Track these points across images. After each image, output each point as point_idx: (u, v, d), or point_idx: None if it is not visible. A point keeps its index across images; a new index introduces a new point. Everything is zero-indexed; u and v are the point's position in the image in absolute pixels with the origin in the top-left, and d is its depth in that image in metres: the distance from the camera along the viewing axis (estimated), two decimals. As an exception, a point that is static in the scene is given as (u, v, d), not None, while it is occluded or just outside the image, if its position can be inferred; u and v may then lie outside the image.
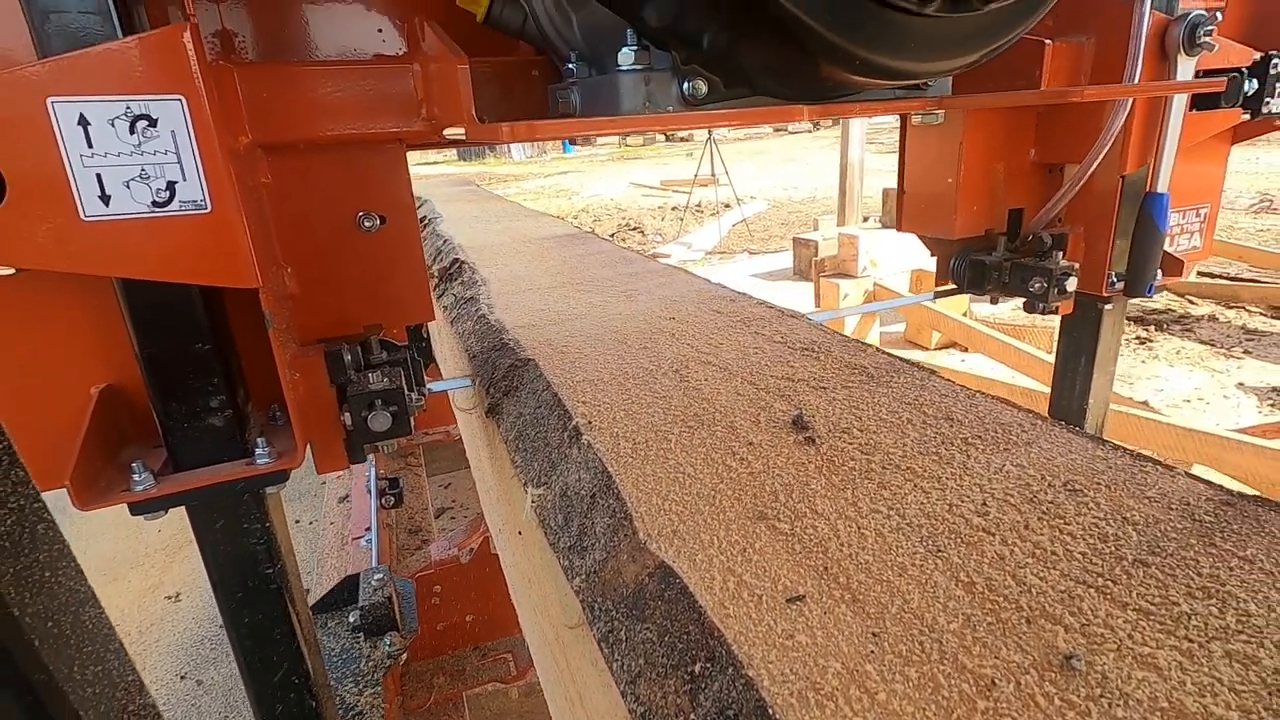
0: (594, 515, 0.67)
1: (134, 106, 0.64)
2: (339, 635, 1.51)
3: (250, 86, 0.80)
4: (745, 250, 8.58)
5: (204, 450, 0.81)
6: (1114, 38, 1.09)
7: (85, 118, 0.63)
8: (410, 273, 0.96)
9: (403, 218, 0.94)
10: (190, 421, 0.80)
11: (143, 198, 0.66)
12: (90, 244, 0.66)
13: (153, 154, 0.66)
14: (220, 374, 0.80)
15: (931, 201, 1.34)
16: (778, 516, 0.61)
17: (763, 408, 0.83)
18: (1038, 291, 1.25)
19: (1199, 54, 1.09)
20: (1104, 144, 1.11)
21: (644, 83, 0.71)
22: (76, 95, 0.63)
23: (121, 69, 0.63)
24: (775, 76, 0.69)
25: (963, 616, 0.48)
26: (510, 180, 17.06)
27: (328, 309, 0.93)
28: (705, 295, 1.37)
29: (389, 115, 0.87)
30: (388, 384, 0.86)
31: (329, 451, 0.90)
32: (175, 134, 0.66)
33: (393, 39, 0.90)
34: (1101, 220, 1.24)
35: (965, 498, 0.62)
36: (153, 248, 0.68)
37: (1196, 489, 0.61)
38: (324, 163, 0.89)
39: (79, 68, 0.62)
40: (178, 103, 0.66)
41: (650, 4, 0.64)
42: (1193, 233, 1.37)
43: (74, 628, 0.43)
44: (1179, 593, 0.49)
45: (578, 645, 0.65)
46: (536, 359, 1.04)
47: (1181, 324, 4.95)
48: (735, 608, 0.50)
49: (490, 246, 2.09)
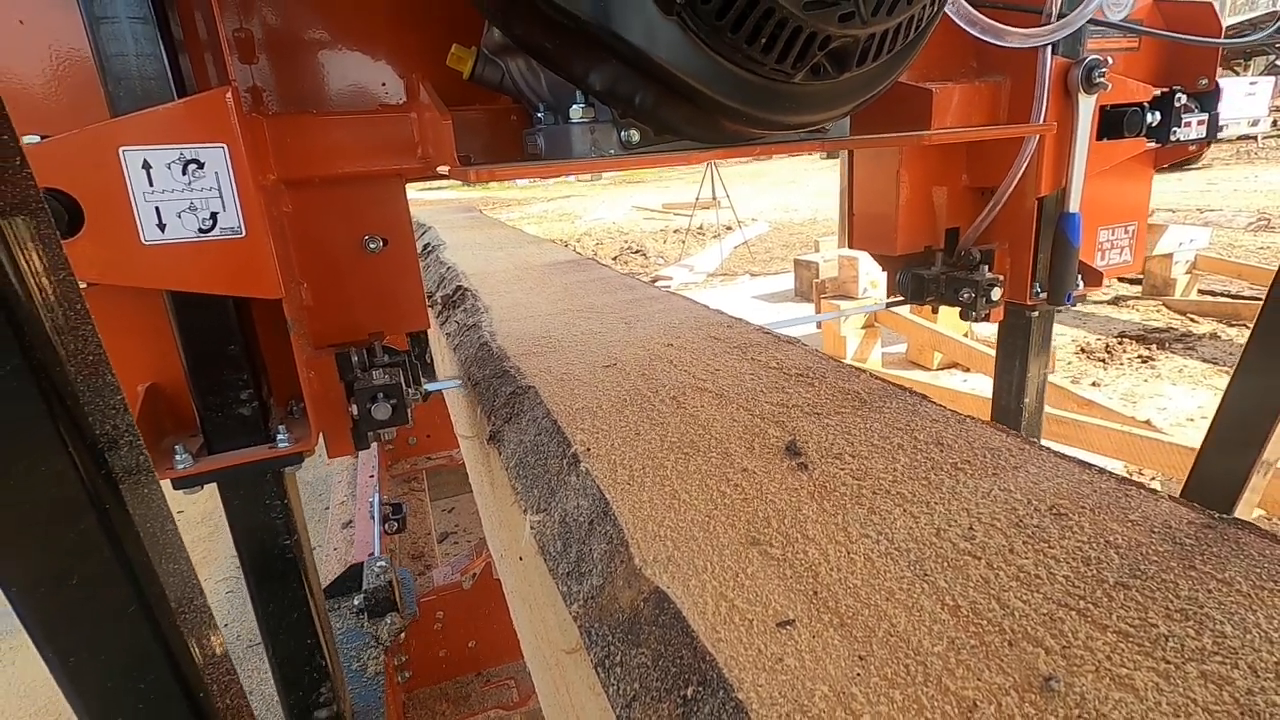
0: (591, 541, 0.69)
1: (186, 153, 0.80)
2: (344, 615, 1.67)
3: (277, 133, 0.95)
4: (747, 272, 8.63)
5: (234, 436, 0.96)
6: (1025, 78, 1.25)
7: (148, 162, 0.79)
8: (409, 287, 1.11)
9: (402, 240, 1.09)
10: (223, 411, 0.95)
11: (191, 225, 0.83)
12: (149, 263, 0.82)
13: (200, 190, 0.82)
14: (248, 371, 0.95)
15: (876, 222, 1.49)
16: (770, 542, 0.63)
17: (757, 434, 0.85)
18: (967, 301, 1.41)
19: (1097, 92, 1.23)
20: (1018, 170, 1.28)
21: (590, 131, 0.88)
22: (142, 145, 0.79)
23: (178, 124, 0.79)
24: (691, 127, 0.85)
25: (947, 639, 0.49)
26: (514, 205, 17.24)
27: (338, 318, 1.08)
28: (703, 321, 1.39)
29: (390, 155, 1.01)
30: (388, 380, 1.01)
31: (338, 438, 1.06)
32: (218, 174, 0.82)
33: (395, 91, 1.04)
34: (1022, 237, 1.39)
35: (953, 522, 0.64)
36: (198, 266, 0.84)
37: (1179, 512, 0.63)
38: (336, 194, 1.04)
39: (144, 123, 0.79)
40: (221, 150, 0.82)
41: (593, 74, 0.80)
42: (1123, 247, 1.52)
43: (163, 538, 0.58)
44: (1158, 615, 0.50)
45: (576, 670, 0.66)
46: (537, 386, 1.06)
47: (1184, 342, 4.96)
48: (727, 632, 0.52)
49: (492, 274, 2.13)
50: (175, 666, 0.58)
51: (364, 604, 1.61)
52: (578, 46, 0.78)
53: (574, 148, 0.89)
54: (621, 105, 0.84)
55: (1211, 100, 1.40)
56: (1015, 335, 1.56)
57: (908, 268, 1.53)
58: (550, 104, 0.94)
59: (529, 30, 0.82)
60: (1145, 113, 1.33)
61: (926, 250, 1.49)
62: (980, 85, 1.29)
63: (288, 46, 0.97)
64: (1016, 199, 1.35)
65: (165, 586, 0.57)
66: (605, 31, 0.72)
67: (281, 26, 0.96)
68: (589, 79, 0.82)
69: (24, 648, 2.84)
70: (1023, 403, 1.56)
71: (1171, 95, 1.35)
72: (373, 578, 1.65)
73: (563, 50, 0.81)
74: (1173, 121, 1.35)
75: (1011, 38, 1.17)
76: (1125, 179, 1.45)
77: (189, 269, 0.84)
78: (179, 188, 0.80)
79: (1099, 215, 1.45)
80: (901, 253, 1.49)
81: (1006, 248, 1.43)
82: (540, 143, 0.97)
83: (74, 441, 0.51)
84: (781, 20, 0.69)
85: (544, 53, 0.85)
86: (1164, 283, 5.88)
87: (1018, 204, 1.36)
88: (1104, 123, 1.32)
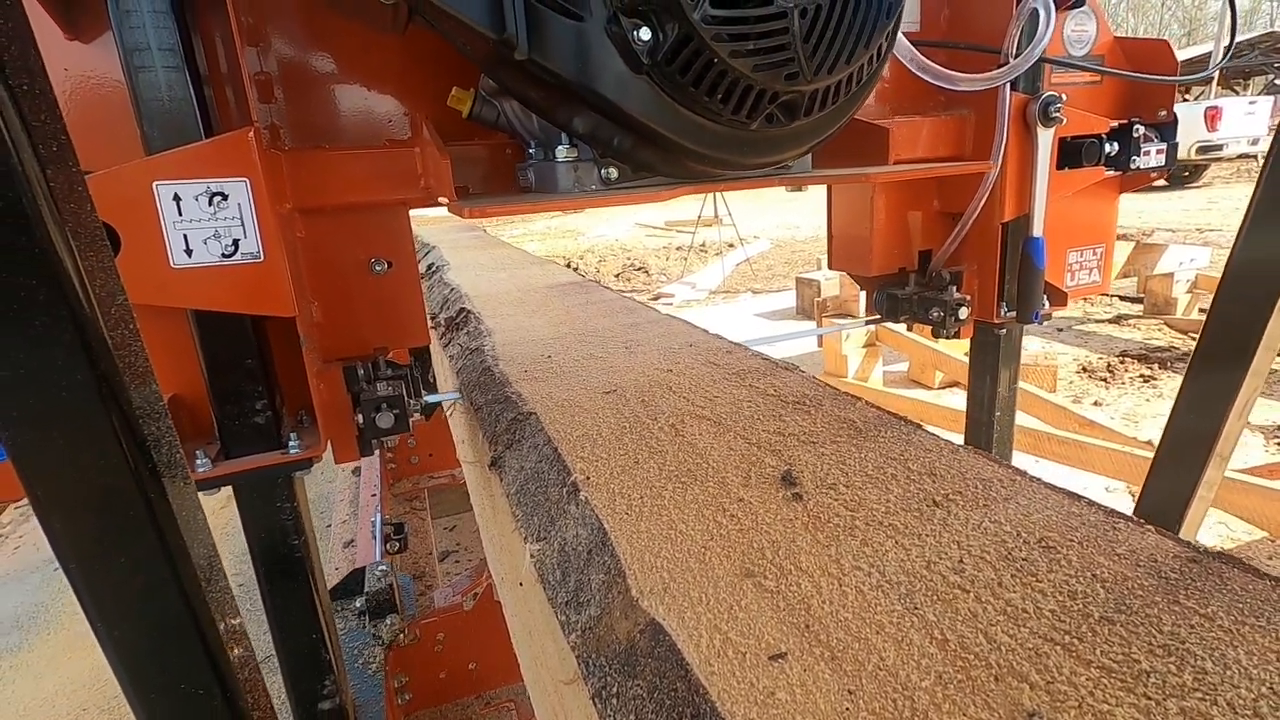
0: (590, 571, 0.70)
1: (212, 186, 0.89)
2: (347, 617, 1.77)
3: (293, 167, 1.03)
4: (749, 289, 8.67)
5: (249, 442, 1.03)
6: (988, 112, 1.33)
7: (178, 195, 0.87)
8: (411, 306, 1.18)
9: (405, 262, 1.17)
10: (240, 419, 1.02)
11: (215, 251, 0.91)
12: (177, 285, 0.90)
13: (224, 220, 0.90)
14: (263, 383, 1.02)
15: (853, 244, 1.58)
16: (764, 574, 0.64)
17: (754, 463, 0.87)
18: (937, 319, 1.50)
19: (1054, 125, 1.32)
20: (981, 197, 1.36)
21: (574, 169, 0.96)
22: (174, 180, 0.87)
23: (205, 161, 0.88)
24: (664, 166, 0.95)
25: (935, 674, 0.51)
26: (518, 222, 17.35)
27: (345, 334, 1.15)
28: (702, 346, 1.41)
29: (396, 186, 1.09)
30: (391, 391, 1.08)
31: (344, 445, 1.13)
32: (240, 205, 0.90)
33: (400, 128, 1.11)
34: (989, 260, 1.47)
35: (943, 554, 0.65)
36: (221, 287, 0.92)
37: (1165, 546, 0.64)
38: (345, 221, 1.12)
39: (176, 161, 0.87)
40: (244, 183, 0.90)
41: (575, 120, 0.89)
42: (1091, 268, 1.61)
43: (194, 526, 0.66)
44: (1141, 650, 0.51)
45: (574, 699, 0.67)
46: (538, 413, 1.08)
47: (1185, 361, 4.95)
48: (720, 665, 0.53)
49: (496, 296, 2.15)
50: (202, 636, 0.66)
51: (366, 606, 1.71)
52: (561, 98, 0.86)
53: (559, 183, 0.97)
54: (601, 147, 0.93)
55: (1170, 130, 1.48)
56: (985, 352, 1.64)
57: (883, 288, 1.61)
58: (541, 140, 1.02)
59: (517, 83, 0.90)
60: (1103, 143, 1.41)
61: (900, 271, 1.58)
62: (946, 119, 1.39)
63: (303, 88, 1.04)
64: (982, 224, 1.43)
65: (195, 567, 0.65)
66: (583, 88, 0.81)
67: (298, 70, 1.04)
68: (572, 124, 0.91)
69: (24, 666, 2.84)
70: (994, 415, 1.65)
71: (1129, 127, 1.43)
72: (374, 581, 1.75)
73: (548, 100, 0.90)
74: (1132, 151, 1.43)
75: (962, 82, 1.25)
76: (1092, 204, 1.53)
77: (212, 290, 0.92)
78: (205, 217, 0.89)
79: (1067, 238, 1.53)
80: (876, 273, 1.57)
81: (974, 269, 1.52)
82: (531, 177, 1.05)
83: (126, 440, 0.58)
84: (735, 79, 0.78)
85: (531, 101, 0.94)
86: (1165, 302, 5.90)
87: (983, 229, 1.44)
88: (1063, 153, 1.40)
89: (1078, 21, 1.39)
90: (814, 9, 0.78)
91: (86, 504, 0.58)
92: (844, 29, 0.80)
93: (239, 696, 0.69)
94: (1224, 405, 1.61)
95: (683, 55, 0.77)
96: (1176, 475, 1.68)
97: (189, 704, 0.66)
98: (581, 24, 0.78)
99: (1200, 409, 1.65)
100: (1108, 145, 1.42)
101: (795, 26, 0.77)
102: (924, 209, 1.54)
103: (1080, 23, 1.40)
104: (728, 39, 0.76)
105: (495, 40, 0.78)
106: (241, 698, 0.69)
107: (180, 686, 0.66)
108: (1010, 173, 1.37)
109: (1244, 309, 1.60)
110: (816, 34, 0.79)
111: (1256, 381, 1.60)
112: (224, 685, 0.67)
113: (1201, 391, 1.64)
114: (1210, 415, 1.62)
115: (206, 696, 0.67)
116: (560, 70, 0.80)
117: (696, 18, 0.74)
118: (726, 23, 0.75)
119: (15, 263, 0.50)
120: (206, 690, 0.66)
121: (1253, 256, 1.61)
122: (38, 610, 3.22)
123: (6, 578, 3.47)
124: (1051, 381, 4.45)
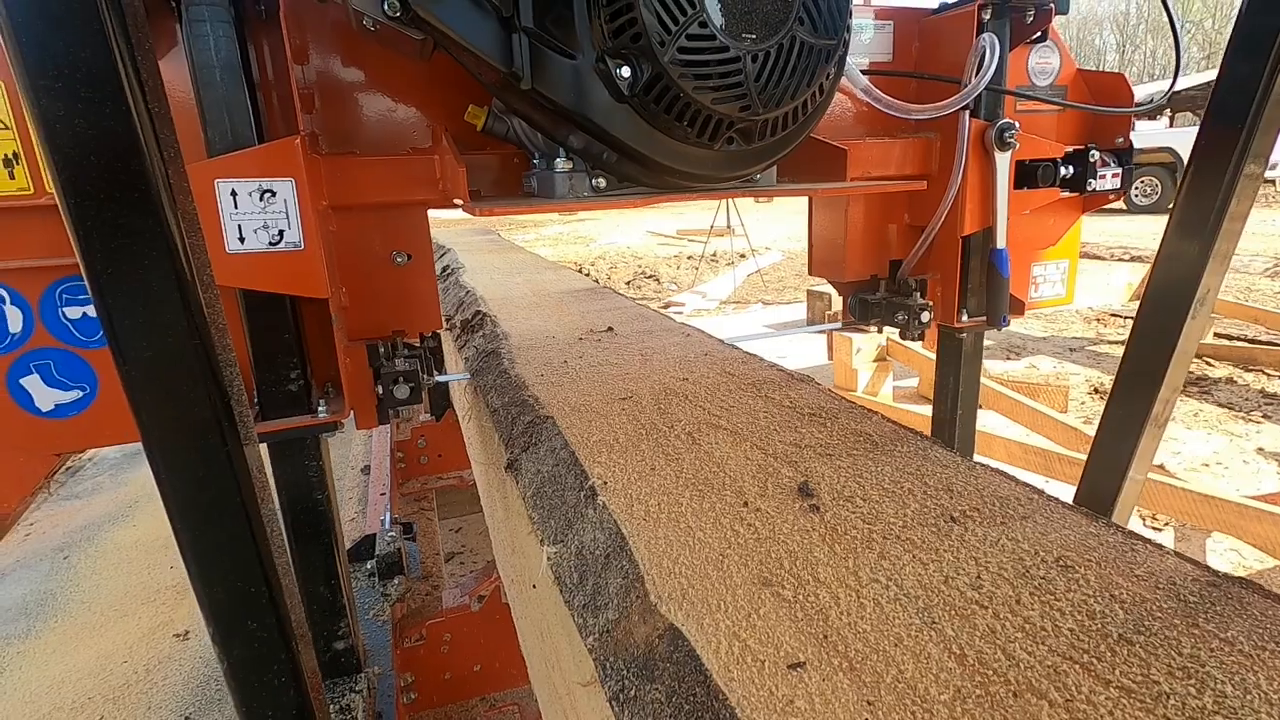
0: (607, 575, 0.71)
1: (264, 184, 1.02)
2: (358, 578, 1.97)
3: (330, 170, 1.16)
4: (760, 301, 8.67)
5: (284, 407, 1.17)
6: (952, 136, 1.46)
7: (235, 191, 1.01)
8: (426, 294, 1.32)
9: (423, 256, 1.30)
10: (276, 386, 1.16)
11: (263, 240, 1.04)
12: (231, 268, 1.02)
13: (272, 213, 1.03)
14: (297, 355, 1.16)
15: (830, 252, 1.73)
16: (781, 584, 0.65)
17: (770, 473, 0.87)
18: (901, 322, 1.63)
19: (1009, 150, 1.45)
20: (942, 212, 1.50)
21: (569, 178, 1.09)
22: (232, 178, 1.00)
23: (259, 163, 1.01)
24: (643, 177, 1.09)
25: (954, 688, 0.51)
26: (529, 226, 17.43)
27: (369, 316, 1.28)
28: (717, 356, 1.42)
29: (417, 188, 1.21)
30: (408, 367, 1.23)
31: (365, 413, 1.26)
32: (286, 201, 1.03)
33: (422, 138, 1.24)
34: (950, 269, 1.59)
35: (961, 570, 0.65)
36: (267, 270, 1.05)
37: (1184, 569, 0.64)
38: (372, 218, 1.26)
39: (235, 162, 1.01)
40: (290, 183, 1.03)
41: (571, 138, 1.06)
42: (1055, 282, 1.74)
43: (256, 470, 0.79)
44: (1160, 672, 0.51)
45: (589, 701, 0.68)
46: (554, 417, 1.09)
47: (1199, 386, 4.92)
48: (739, 672, 0.54)
49: (511, 299, 2.17)
50: (261, 562, 0.80)
51: (376, 568, 1.91)
52: (558, 121, 1.03)
53: (557, 190, 1.10)
54: (592, 161, 1.08)
55: (1127, 155, 1.59)
56: (949, 354, 1.76)
57: (857, 293, 1.75)
58: (544, 153, 1.15)
59: (523, 107, 1.07)
60: (1058, 166, 1.53)
61: (873, 278, 1.72)
62: (914, 141, 1.53)
63: (340, 101, 1.19)
64: (945, 236, 1.55)
65: (261, 507, 0.79)
66: (576, 113, 0.97)
67: (335, 86, 1.18)
68: (568, 142, 1.07)
69: (31, 653, 2.86)
70: (957, 414, 1.77)
71: (1086, 151, 1.54)
72: (384, 545, 1.96)
73: (548, 122, 1.06)
74: (1089, 174, 1.54)
75: (914, 112, 1.38)
76: (1056, 222, 1.66)
77: (260, 273, 1.04)
78: (256, 210, 1.02)
79: (1031, 254, 1.68)
80: (851, 279, 1.72)
81: (938, 278, 1.64)
82: (534, 183, 1.18)
83: (211, 381, 0.72)
84: (698, 109, 0.94)
85: (534, 122, 1.11)
86: (1179, 325, 5.85)
87: (946, 241, 1.56)
88: (1020, 174, 1.52)
89: (1041, 55, 1.53)
90: (763, 54, 0.93)
91: (188, 448, 0.73)
92: (789, 71, 0.96)
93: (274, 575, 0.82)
94: (1142, 420, 1.73)
95: (656, 89, 0.92)
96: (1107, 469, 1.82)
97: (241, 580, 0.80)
98: (575, 62, 0.94)
99: (1120, 429, 1.78)
100: (1063, 168, 1.53)
101: (748, 68, 0.93)
102: (897, 221, 1.67)
103: (1044, 55, 1.53)
104: (692, 77, 0.91)
105: (505, 72, 0.94)
106: (275, 575, 0.82)
107: (233, 574, 0.80)
108: (971, 191, 1.48)
109: (1157, 331, 1.70)
110: (765, 74, 0.94)
111: (1171, 395, 1.73)
112: (264, 566, 0.80)
113: (1123, 409, 1.78)
114: (1130, 433, 1.75)
115: (251, 576, 0.80)
116: (558, 99, 0.96)
117: (666, 60, 0.89)
118: (690, 65, 0.90)
119: (143, 239, 0.65)
120: (250, 570, 0.80)
121: (1163, 280, 1.70)
122: (46, 599, 3.24)
123: (16, 566, 3.50)
124: (1063, 402, 4.43)
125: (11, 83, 0.96)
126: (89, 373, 1.09)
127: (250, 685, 0.83)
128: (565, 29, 0.93)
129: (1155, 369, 1.69)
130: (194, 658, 2.81)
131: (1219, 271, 1.63)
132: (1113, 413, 1.80)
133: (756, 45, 0.92)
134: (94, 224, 0.63)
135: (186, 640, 2.92)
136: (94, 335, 1.08)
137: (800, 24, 0.94)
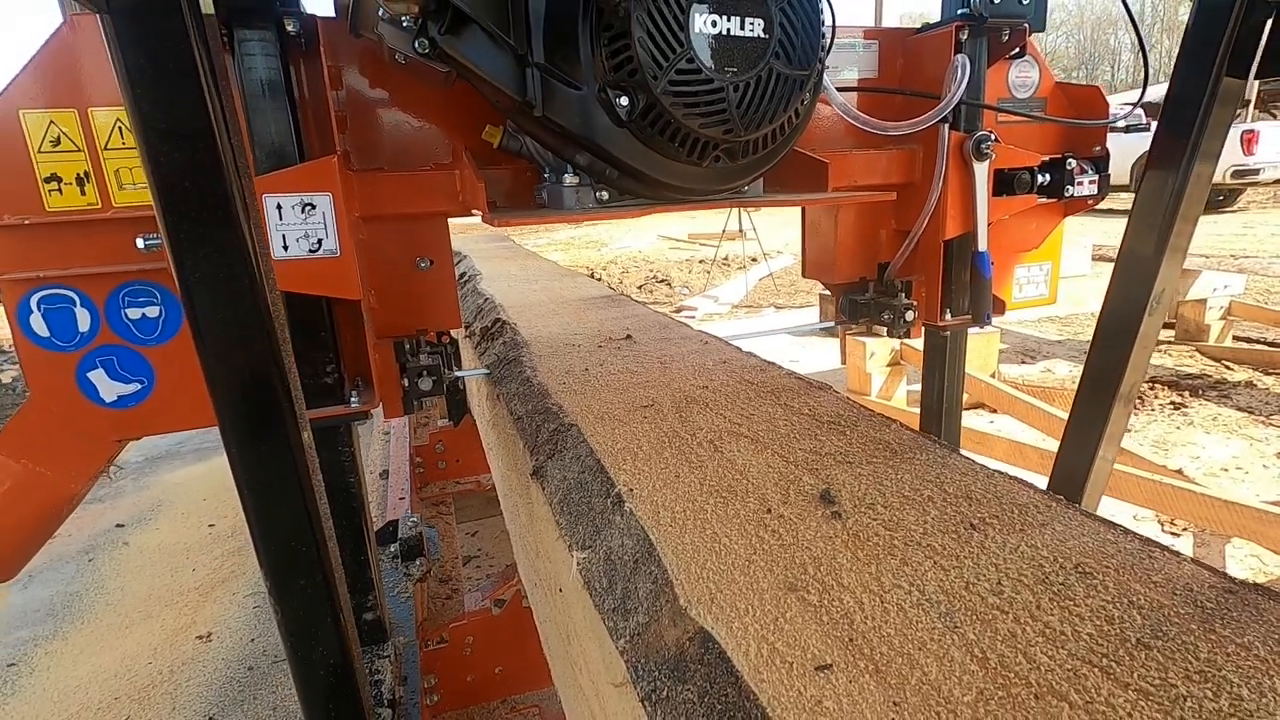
0: (637, 580, 0.73)
1: (305, 198, 1.12)
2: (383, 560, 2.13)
3: (361, 185, 1.26)
4: (772, 305, 8.67)
5: (320, 397, 1.27)
6: (933, 148, 1.56)
7: (280, 205, 1.11)
8: (447, 297, 1.43)
9: (444, 261, 1.42)
10: (313, 379, 1.26)
11: (304, 248, 1.14)
12: (277, 272, 1.05)
13: (312, 224, 1.13)
14: (332, 351, 1.27)
15: (821, 255, 1.84)
16: (806, 588, 0.67)
17: (792, 481, 0.89)
18: (887, 321, 1.73)
19: (986, 160, 1.54)
20: (924, 218, 1.60)
21: (576, 192, 1.19)
22: (277, 193, 1.10)
23: (300, 179, 1.12)
24: (642, 191, 1.20)
25: (976, 690, 0.53)
26: (542, 232, 17.51)
27: (394, 316, 1.39)
28: (736, 364, 1.44)
29: (439, 200, 1.32)
30: (431, 362, 1.37)
31: (392, 404, 1.39)
32: (324, 213, 1.14)
33: (444, 154, 1.35)
34: (933, 271, 1.68)
35: (981, 576, 0.67)
36: (307, 275, 1.15)
37: (1201, 575, 0.66)
38: (398, 227, 1.37)
39: (280, 179, 1.11)
40: (328, 197, 1.13)
41: (577, 157, 1.17)
42: (1038, 283, 1.84)
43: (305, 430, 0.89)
44: (1177, 675, 0.53)
45: (620, 702, 0.70)
46: (579, 424, 1.12)
47: (1218, 389, 4.87)
48: (769, 673, 0.56)
49: (530, 307, 2.20)
50: (302, 495, 0.89)
51: (399, 550, 2.10)
52: (566, 142, 1.14)
53: (565, 202, 1.20)
54: (596, 177, 1.20)
55: (1103, 163, 1.68)
56: (935, 351, 1.87)
57: (847, 294, 1.85)
58: (553, 168, 1.25)
59: (535, 129, 1.20)
60: (1034, 174, 1.61)
61: (862, 280, 1.82)
62: (899, 152, 1.62)
63: (369, 122, 1.30)
64: (928, 240, 1.64)
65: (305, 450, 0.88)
66: (582, 136, 1.08)
67: (366, 108, 1.29)
68: (575, 160, 1.19)
69: (58, 654, 2.92)
70: (944, 405, 1.87)
71: (1062, 160, 1.62)
72: (406, 530, 2.13)
73: (557, 142, 1.18)
74: (1066, 181, 1.62)
75: (890, 128, 1.48)
76: (1038, 226, 1.76)
77: (301, 277, 1.15)
78: (298, 221, 1.13)
79: (1014, 256, 1.78)
80: (841, 281, 1.82)
81: (922, 279, 1.73)
82: (544, 196, 1.28)
83: (275, 361, 0.82)
84: (688, 132, 1.05)
85: (545, 142, 1.23)
86: (1197, 328, 5.80)
87: (929, 244, 1.65)
88: (998, 182, 1.60)
89: (1020, 70, 1.62)
90: (744, 85, 1.04)
91: (245, 398, 0.83)
92: (767, 98, 1.06)
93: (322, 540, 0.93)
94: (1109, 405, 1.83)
95: (650, 115, 1.03)
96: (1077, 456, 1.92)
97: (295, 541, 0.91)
98: (580, 92, 1.05)
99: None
100: (1039, 176, 1.62)
101: (730, 97, 1.04)
102: (885, 226, 1.77)
103: (1023, 70, 1.62)
104: (682, 105, 1.02)
105: (519, 101, 1.06)
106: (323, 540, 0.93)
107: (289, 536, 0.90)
108: (951, 198, 1.57)
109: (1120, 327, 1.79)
110: (746, 102, 1.05)
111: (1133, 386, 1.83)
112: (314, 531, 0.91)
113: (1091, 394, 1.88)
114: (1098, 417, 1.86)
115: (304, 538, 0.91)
116: (565, 124, 1.08)
117: (659, 91, 1.00)
118: (680, 95, 1.02)
119: (226, 238, 0.76)
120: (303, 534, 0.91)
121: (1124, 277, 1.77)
122: (71, 600, 3.31)
123: (43, 568, 3.57)
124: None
125: (84, 109, 1.06)
126: (147, 368, 1.21)
127: (299, 635, 0.95)
128: (572, 64, 1.04)
129: (1118, 362, 1.80)
130: (216, 659, 2.86)
131: (1176, 265, 1.73)
132: (1083, 397, 1.91)
133: (738, 77, 1.03)
134: (186, 236, 0.75)
135: (209, 642, 2.97)
136: (152, 334, 1.21)
137: (776, 58, 1.05)
